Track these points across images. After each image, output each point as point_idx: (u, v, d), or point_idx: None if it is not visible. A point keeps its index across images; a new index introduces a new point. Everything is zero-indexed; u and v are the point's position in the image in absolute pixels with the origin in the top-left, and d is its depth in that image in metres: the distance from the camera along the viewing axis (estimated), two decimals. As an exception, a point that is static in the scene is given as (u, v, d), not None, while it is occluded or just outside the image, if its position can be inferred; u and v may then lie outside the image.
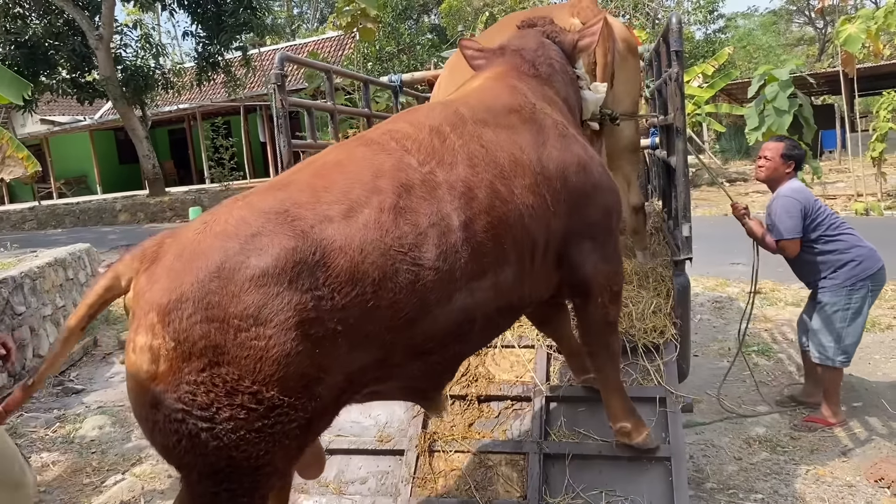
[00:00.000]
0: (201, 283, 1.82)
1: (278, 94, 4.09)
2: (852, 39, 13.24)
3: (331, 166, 2.25)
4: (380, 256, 2.04)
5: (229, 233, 1.92)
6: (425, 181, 2.26)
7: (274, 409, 1.87)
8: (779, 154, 4.56)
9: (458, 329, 2.35)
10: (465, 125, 2.53)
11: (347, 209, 2.05)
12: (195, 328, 1.79)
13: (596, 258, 2.90)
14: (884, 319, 6.74)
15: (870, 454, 4.11)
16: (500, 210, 2.40)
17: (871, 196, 15.25)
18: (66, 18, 17.55)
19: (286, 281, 1.87)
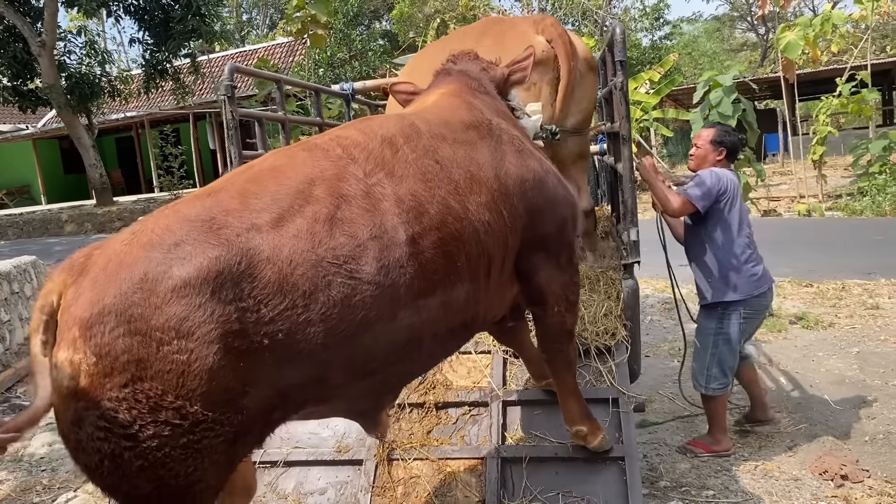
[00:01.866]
0: (124, 295, 1.77)
1: (228, 105, 4.07)
2: (792, 46, 13.68)
3: (266, 172, 2.16)
4: (311, 268, 1.96)
5: (154, 242, 1.86)
6: (369, 192, 2.18)
7: (198, 424, 1.81)
8: (709, 140, 4.33)
9: (403, 349, 2.28)
10: (419, 138, 2.47)
11: (277, 217, 1.98)
12: (117, 342, 1.74)
13: (552, 269, 2.94)
14: (826, 318, 6.98)
15: (814, 448, 4.26)
16: (452, 227, 2.35)
17: (813, 198, 15.77)
18: (7, 24, 17.07)
19: (209, 291, 1.81)
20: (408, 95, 3.38)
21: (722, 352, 4.20)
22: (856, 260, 9.49)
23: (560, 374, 3.24)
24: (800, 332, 6.68)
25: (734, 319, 4.18)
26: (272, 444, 3.71)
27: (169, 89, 21.11)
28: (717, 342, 4.21)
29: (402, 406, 3.72)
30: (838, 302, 7.63)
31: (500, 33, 4.18)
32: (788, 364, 5.79)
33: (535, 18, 4.14)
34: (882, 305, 7.26)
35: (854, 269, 8.89)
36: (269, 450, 3.69)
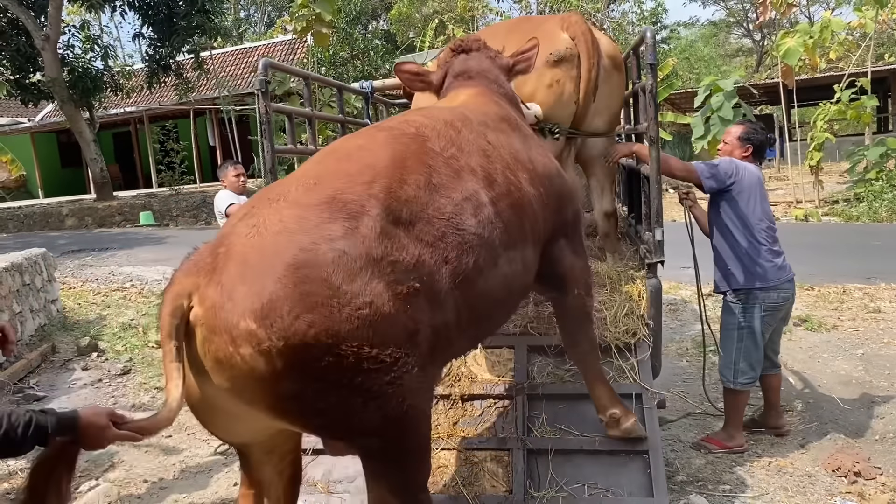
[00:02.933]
0: (288, 279, 1.90)
1: (262, 100, 4.14)
2: (791, 52, 13.83)
3: (355, 151, 2.41)
4: (427, 224, 2.24)
5: (292, 229, 2.00)
6: (448, 163, 2.46)
7: (396, 361, 2.04)
8: (736, 137, 4.45)
9: (502, 296, 2.62)
10: (471, 124, 2.76)
11: (387, 186, 2.20)
12: (299, 321, 1.87)
13: (573, 254, 3.21)
14: (829, 320, 7.09)
15: (826, 446, 4.37)
16: (515, 195, 2.66)
17: (810, 203, 15.92)
18: (10, 17, 17.05)
19: (363, 253, 2.01)
20: (412, 75, 3.53)
21: (747, 345, 4.29)
22: (855, 264, 9.61)
23: (587, 359, 3.42)
24: (804, 333, 6.78)
25: (756, 313, 4.26)
26: (301, 433, 3.81)
27: (171, 85, 21.09)
28: (742, 336, 4.30)
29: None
30: (840, 305, 7.74)
31: (527, 31, 4.25)
32: (795, 365, 5.89)
33: (563, 16, 4.23)
34: (884, 309, 7.38)
35: (854, 274, 9.00)
36: (298, 439, 3.77)
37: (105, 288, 10.00)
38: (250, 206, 2.17)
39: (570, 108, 4.05)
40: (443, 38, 21.51)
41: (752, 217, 4.29)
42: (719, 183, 4.26)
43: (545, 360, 3.89)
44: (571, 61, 3.99)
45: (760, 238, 4.27)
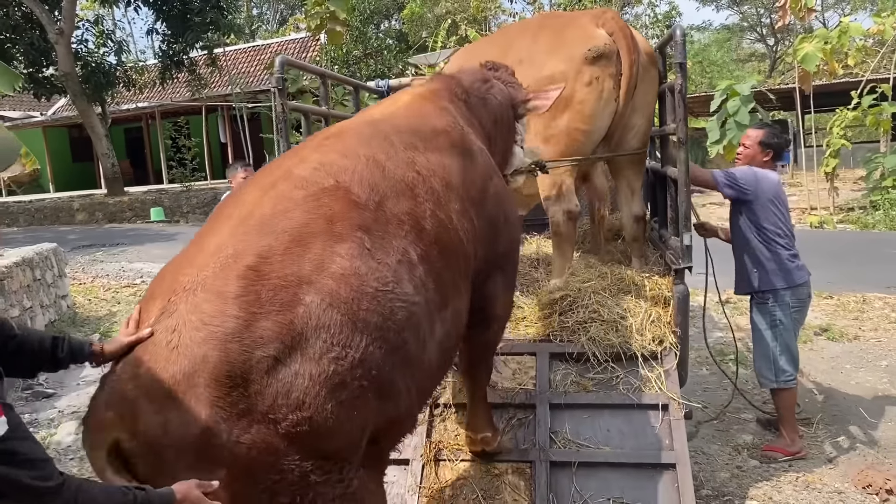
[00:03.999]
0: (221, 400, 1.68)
1: (279, 98, 4.05)
2: (810, 57, 13.65)
3: (272, 216, 2.01)
4: (369, 301, 1.94)
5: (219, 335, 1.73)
6: (376, 218, 2.14)
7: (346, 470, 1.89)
8: (757, 141, 4.45)
9: (443, 362, 2.40)
10: (396, 150, 2.41)
11: (318, 264, 1.90)
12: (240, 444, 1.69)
13: (504, 290, 3.03)
14: (850, 330, 6.96)
15: (855, 461, 4.24)
16: (445, 239, 2.36)
17: (824, 210, 15.75)
18: (24, 11, 17.05)
19: (299, 357, 1.77)
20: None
21: (782, 342, 4.33)
22: (873, 273, 9.46)
23: (478, 383, 3.35)
24: (825, 343, 6.66)
25: (785, 310, 4.32)
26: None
27: (183, 81, 21.07)
28: (776, 334, 4.34)
29: (447, 406, 3.70)
30: (860, 315, 7.61)
31: (559, 27, 4.17)
32: (818, 376, 5.77)
33: (596, 12, 4.13)
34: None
35: (873, 283, 8.85)
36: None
37: (115, 284, 9.96)
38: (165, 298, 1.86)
39: (610, 106, 3.95)
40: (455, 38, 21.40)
41: (770, 224, 4.35)
42: (737, 192, 4.33)
43: (568, 369, 3.78)
44: (610, 58, 3.90)
45: (780, 243, 4.33)
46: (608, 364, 3.72)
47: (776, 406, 4.49)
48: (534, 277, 4.42)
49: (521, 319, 4.05)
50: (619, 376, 3.69)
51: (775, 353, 4.32)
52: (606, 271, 4.24)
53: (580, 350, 3.77)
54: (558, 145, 4.09)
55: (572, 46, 3.99)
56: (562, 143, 4.09)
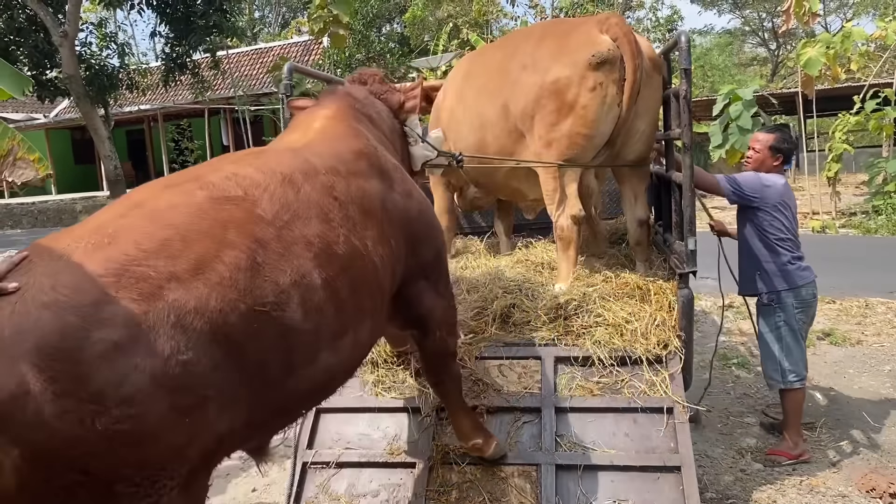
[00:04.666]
0: (41, 372, 1.53)
1: (286, 103, 4.07)
2: (813, 62, 13.66)
3: (166, 210, 1.94)
4: (240, 316, 1.86)
5: (63, 304, 1.61)
6: (280, 236, 2.08)
7: (153, 484, 1.72)
8: (767, 146, 4.44)
9: (318, 387, 2.35)
10: (316, 175, 2.38)
11: (196, 265, 1.82)
12: (46, 426, 1.54)
13: (433, 296, 3.06)
14: (853, 335, 6.97)
15: (859, 465, 4.26)
16: (357, 266, 2.34)
17: (826, 214, 15.76)
18: (29, 14, 17.10)
19: (145, 351, 1.66)
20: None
21: (787, 343, 4.35)
22: (876, 278, 9.47)
23: (449, 394, 3.39)
24: (828, 348, 6.67)
25: (790, 311, 4.34)
26: (324, 444, 3.74)
27: (186, 83, 21.13)
28: (781, 335, 4.36)
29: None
30: (863, 319, 7.63)
31: (563, 33, 4.19)
32: (820, 380, 5.77)
33: (600, 18, 4.15)
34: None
35: (875, 288, 8.86)
36: (321, 450, 3.70)
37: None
38: (37, 250, 1.77)
39: (613, 112, 3.97)
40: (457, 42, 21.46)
41: (774, 228, 4.38)
42: (743, 199, 4.37)
43: (573, 372, 3.80)
44: (614, 63, 3.92)
45: (783, 246, 4.36)
46: (613, 368, 3.73)
47: (783, 407, 4.51)
48: (539, 281, 4.43)
49: (525, 323, 4.06)
50: (623, 380, 3.70)
51: (780, 355, 4.35)
52: (611, 275, 4.26)
53: (585, 354, 3.78)
54: (560, 149, 4.12)
55: (576, 52, 4.02)
56: (564, 148, 4.11)
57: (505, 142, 4.44)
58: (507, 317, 4.12)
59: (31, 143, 5.47)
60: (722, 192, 4.35)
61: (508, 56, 4.45)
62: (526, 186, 4.59)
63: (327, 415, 3.88)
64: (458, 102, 4.89)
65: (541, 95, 4.09)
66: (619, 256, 5.00)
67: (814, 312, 4.58)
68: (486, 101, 4.53)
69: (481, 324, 4.09)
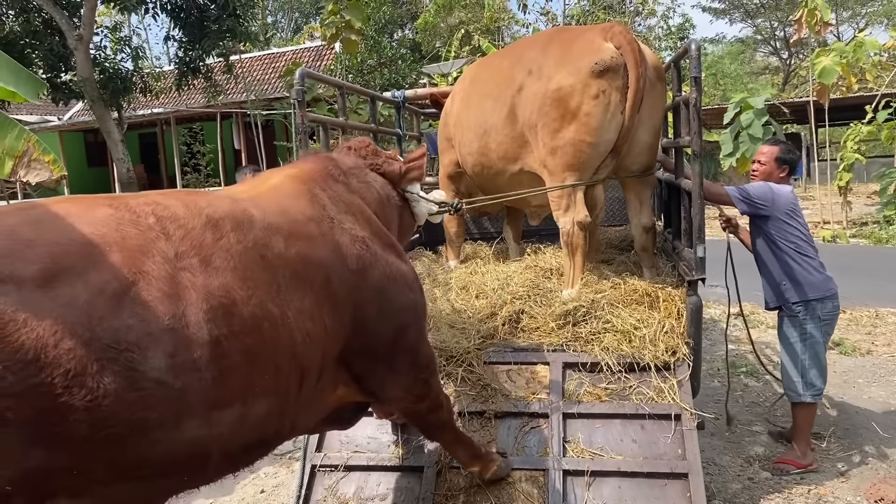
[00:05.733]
0: None
1: (299, 109, 4.12)
2: (827, 71, 13.65)
3: (51, 217, 1.81)
4: (81, 346, 1.65)
5: None
6: (174, 277, 1.88)
7: None
8: (773, 158, 4.48)
9: (184, 461, 1.96)
10: (251, 228, 2.19)
11: (50, 275, 1.66)
12: None
13: (385, 373, 2.80)
14: (863, 345, 6.95)
15: (867, 475, 4.24)
16: (266, 334, 2.08)
17: (837, 224, 15.71)
18: (45, 17, 17.25)
19: None
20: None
21: (811, 356, 4.32)
22: (886, 288, 9.44)
23: (437, 438, 3.36)
24: (837, 357, 6.65)
25: (816, 322, 4.31)
26: (332, 447, 3.76)
27: (199, 87, 21.27)
28: (805, 347, 4.32)
29: (461, 414, 3.73)
30: (873, 329, 7.61)
31: (567, 41, 4.21)
32: (830, 389, 5.74)
33: (604, 26, 4.17)
34: (919, 335, 7.22)
35: (886, 298, 8.83)
36: (329, 453, 3.72)
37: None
38: None
39: (616, 119, 3.98)
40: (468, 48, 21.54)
41: (793, 237, 4.36)
42: (753, 208, 4.36)
43: (581, 378, 3.81)
44: (617, 71, 3.93)
45: (807, 254, 4.35)
46: (621, 374, 3.74)
47: (795, 419, 4.48)
48: (547, 288, 4.44)
49: (534, 329, 4.08)
50: (632, 386, 3.71)
51: (805, 367, 4.31)
52: (620, 282, 4.27)
53: (593, 360, 3.79)
54: (564, 157, 4.13)
55: (579, 59, 4.04)
56: (568, 156, 4.12)
57: (510, 147, 4.47)
58: (516, 322, 4.13)
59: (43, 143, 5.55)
60: (731, 201, 4.35)
61: (514, 63, 4.48)
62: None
63: (336, 418, 3.91)
64: (464, 108, 4.93)
65: (544, 103, 4.11)
66: (627, 263, 5.00)
67: (835, 324, 4.56)
68: (491, 106, 4.57)
69: (490, 329, 4.11)
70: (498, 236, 6.09)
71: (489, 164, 4.68)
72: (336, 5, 14.82)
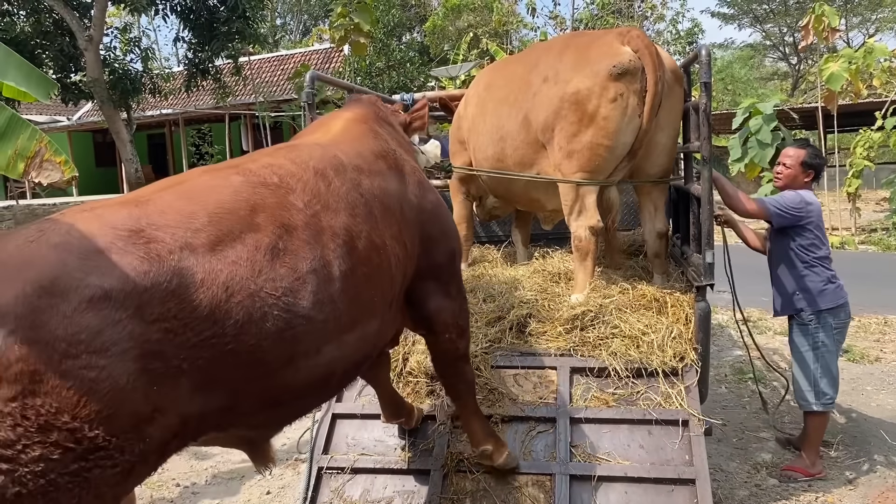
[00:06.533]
0: (27, 298, 1.55)
1: (309, 112, 4.13)
2: (835, 78, 13.60)
3: (200, 190, 2.04)
4: (247, 297, 1.88)
5: (70, 245, 1.67)
6: (309, 224, 2.15)
7: (95, 450, 1.60)
8: (799, 162, 4.37)
9: (318, 383, 2.24)
10: (345, 171, 2.47)
11: (214, 240, 1.88)
12: (12, 349, 1.51)
13: (442, 298, 3.08)
14: (872, 352, 6.92)
15: (875, 483, 4.22)
16: (375, 261, 2.38)
17: (846, 230, 15.64)
18: (55, 18, 17.36)
19: (131, 307, 1.66)
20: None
21: (824, 365, 4.31)
22: (895, 295, 9.39)
23: (461, 397, 3.39)
24: (846, 364, 6.61)
25: (828, 331, 4.30)
26: (339, 449, 3.77)
27: (208, 88, 21.35)
28: (818, 356, 4.31)
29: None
30: (882, 337, 7.57)
31: (584, 45, 4.20)
32: (838, 397, 5.69)
33: (621, 30, 4.16)
34: (928, 343, 7.19)
35: (894, 305, 8.80)
36: (336, 455, 3.73)
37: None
38: (71, 212, 1.84)
39: (634, 123, 3.97)
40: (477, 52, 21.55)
41: (814, 247, 4.34)
42: (791, 220, 4.30)
43: (589, 383, 3.80)
44: (635, 74, 3.92)
45: (823, 264, 4.32)
46: (629, 379, 3.74)
47: (806, 427, 4.46)
48: (555, 292, 4.44)
49: (542, 333, 4.07)
50: (639, 392, 3.71)
51: (817, 376, 4.29)
52: (628, 287, 4.26)
53: (601, 365, 3.79)
54: (580, 161, 4.11)
55: (597, 63, 4.03)
56: (584, 159, 4.11)
57: (525, 153, 4.45)
58: (524, 326, 4.13)
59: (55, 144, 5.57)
60: (766, 215, 4.29)
61: (530, 68, 4.47)
62: (545, 197, 4.59)
63: (343, 420, 3.92)
64: (479, 113, 4.92)
65: (562, 107, 4.09)
66: (636, 268, 4.99)
67: (846, 333, 4.54)
68: (506, 112, 4.56)
69: (498, 333, 4.11)
70: (506, 240, 6.08)
71: (505, 170, 4.68)
72: (345, 8, 14.88)
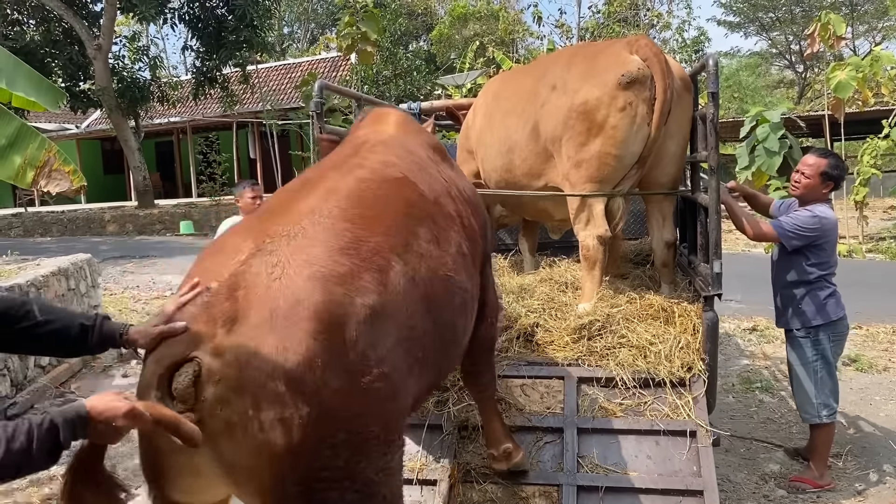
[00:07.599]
0: (322, 336, 1.65)
1: (317, 121, 4.15)
2: (843, 86, 13.58)
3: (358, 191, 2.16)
4: (440, 282, 2.14)
5: (324, 274, 1.76)
6: (440, 210, 2.41)
7: (394, 444, 1.86)
8: (819, 172, 4.20)
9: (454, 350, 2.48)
10: (427, 161, 2.73)
11: (405, 241, 2.07)
12: (328, 386, 1.63)
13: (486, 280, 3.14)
14: (880, 361, 6.88)
15: (884, 494, 4.20)
16: (471, 234, 2.66)
17: (853, 238, 15.57)
18: (65, 27, 17.50)
19: (389, 316, 1.84)
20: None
21: (823, 377, 4.29)
22: (904, 304, 9.35)
23: (487, 389, 3.42)
24: (854, 374, 6.59)
25: (826, 343, 4.29)
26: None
27: (216, 97, 21.46)
28: (817, 368, 4.30)
29: (475, 427, 3.72)
30: (890, 346, 7.53)
31: (592, 55, 4.20)
32: (846, 406, 5.70)
33: (630, 39, 4.16)
34: (937, 352, 7.14)
35: (904, 314, 8.75)
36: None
37: (145, 295, 10.11)
38: (258, 240, 1.83)
39: (643, 132, 3.96)
40: (483, 60, 21.60)
41: (823, 263, 4.32)
42: (804, 242, 4.24)
43: (596, 393, 3.80)
44: (644, 83, 3.92)
45: (827, 281, 4.31)
46: (636, 389, 3.73)
47: (813, 440, 4.44)
48: (562, 301, 4.43)
49: (549, 343, 4.07)
50: (647, 402, 3.69)
51: (816, 388, 4.28)
52: (636, 296, 4.25)
53: (608, 375, 3.78)
54: (588, 170, 4.11)
55: (606, 72, 4.02)
56: (592, 168, 4.10)
57: (534, 163, 4.46)
58: (531, 336, 4.13)
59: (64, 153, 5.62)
60: (778, 238, 4.25)
61: (538, 79, 4.48)
62: (552, 206, 4.59)
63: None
64: (487, 124, 4.93)
65: (570, 116, 4.09)
66: (643, 277, 4.98)
67: (844, 344, 4.53)
68: (515, 123, 4.56)
69: (504, 342, 4.10)
70: (513, 248, 6.08)
71: (513, 181, 4.67)
72: (352, 17, 14.94)
